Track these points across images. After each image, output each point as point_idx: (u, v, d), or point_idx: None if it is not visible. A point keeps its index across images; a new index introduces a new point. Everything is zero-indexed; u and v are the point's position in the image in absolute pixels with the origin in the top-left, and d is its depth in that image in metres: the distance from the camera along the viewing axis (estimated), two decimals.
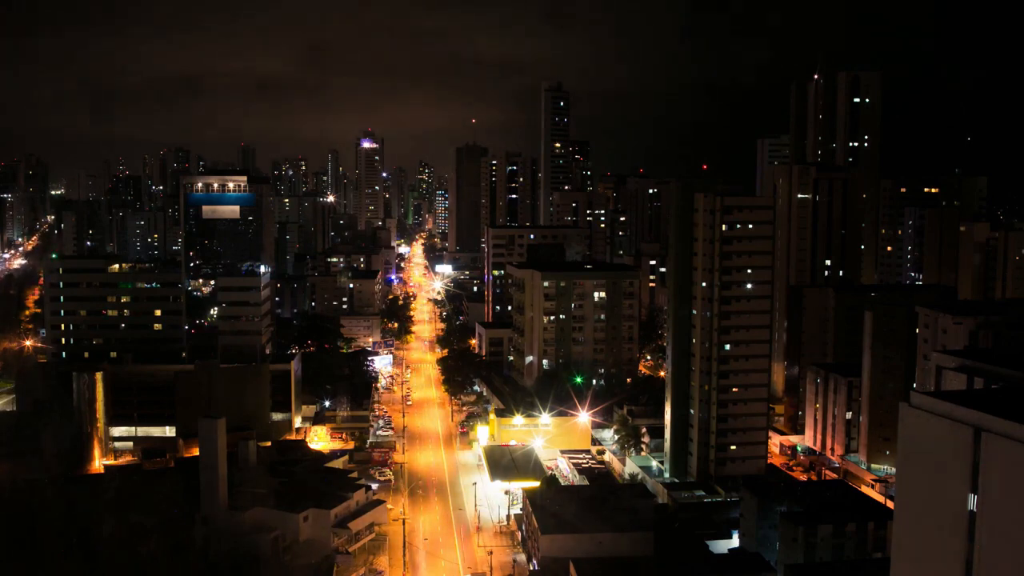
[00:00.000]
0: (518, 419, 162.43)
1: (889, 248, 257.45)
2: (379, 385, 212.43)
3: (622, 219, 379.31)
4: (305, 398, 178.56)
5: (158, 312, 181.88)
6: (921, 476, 66.32)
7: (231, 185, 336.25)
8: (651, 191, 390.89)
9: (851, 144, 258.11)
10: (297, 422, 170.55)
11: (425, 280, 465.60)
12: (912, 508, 67.43)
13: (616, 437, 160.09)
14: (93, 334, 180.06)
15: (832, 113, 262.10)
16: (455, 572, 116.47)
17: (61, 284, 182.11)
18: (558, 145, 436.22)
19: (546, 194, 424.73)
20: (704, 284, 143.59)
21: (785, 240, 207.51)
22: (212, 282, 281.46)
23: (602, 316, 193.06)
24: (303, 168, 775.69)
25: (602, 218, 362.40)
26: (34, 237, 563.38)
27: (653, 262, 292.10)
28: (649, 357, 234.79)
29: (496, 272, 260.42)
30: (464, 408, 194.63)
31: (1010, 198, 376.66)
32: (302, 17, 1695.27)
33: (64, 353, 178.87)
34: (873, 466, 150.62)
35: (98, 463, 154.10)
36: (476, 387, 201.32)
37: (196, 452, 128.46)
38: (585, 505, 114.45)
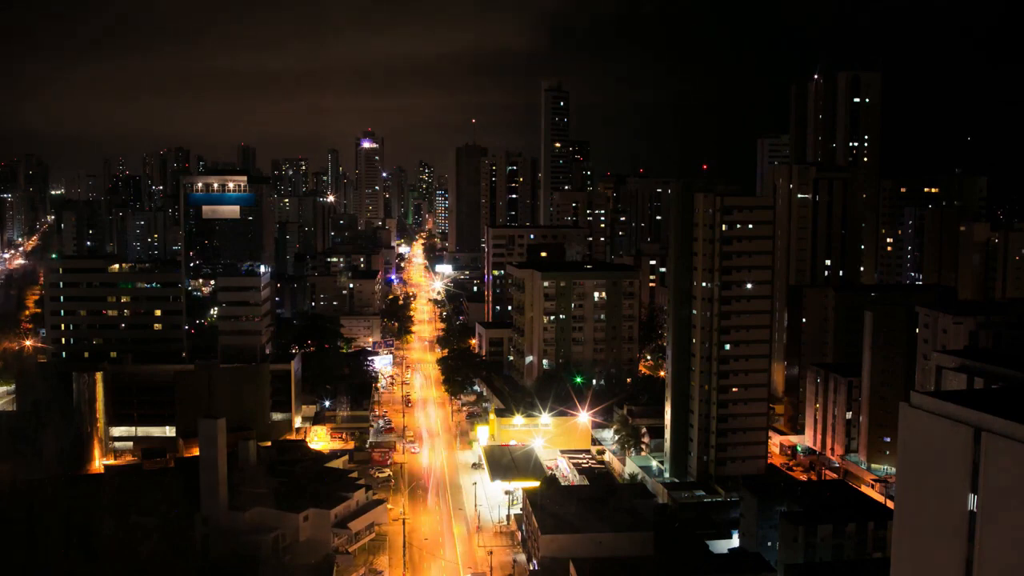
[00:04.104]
0: (518, 419, 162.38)
1: (889, 248, 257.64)
2: (379, 385, 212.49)
3: (622, 219, 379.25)
4: (305, 398, 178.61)
5: (158, 312, 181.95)
6: (921, 476, 66.32)
7: (231, 185, 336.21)
8: (651, 191, 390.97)
9: (851, 144, 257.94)
10: (297, 422, 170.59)
11: (425, 280, 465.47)
12: (912, 508, 67.43)
13: (616, 437, 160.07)
14: (93, 334, 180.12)
15: (832, 113, 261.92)
16: (455, 572, 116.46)
17: (61, 284, 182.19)
18: (558, 145, 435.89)
19: (546, 194, 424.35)
20: (704, 284, 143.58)
21: (785, 240, 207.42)
22: (212, 282, 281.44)
23: (602, 316, 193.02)
24: (303, 168, 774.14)
25: (602, 218, 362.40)
26: (34, 237, 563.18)
27: (653, 262, 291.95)
28: (649, 357, 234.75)
29: (496, 272, 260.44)
30: (464, 408, 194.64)
31: (1010, 198, 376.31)
32: (303, 17, 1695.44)
33: (64, 353, 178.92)
34: (873, 466, 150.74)
35: (98, 463, 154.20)
36: (476, 387, 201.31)
37: (196, 452, 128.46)
38: (585, 505, 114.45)
